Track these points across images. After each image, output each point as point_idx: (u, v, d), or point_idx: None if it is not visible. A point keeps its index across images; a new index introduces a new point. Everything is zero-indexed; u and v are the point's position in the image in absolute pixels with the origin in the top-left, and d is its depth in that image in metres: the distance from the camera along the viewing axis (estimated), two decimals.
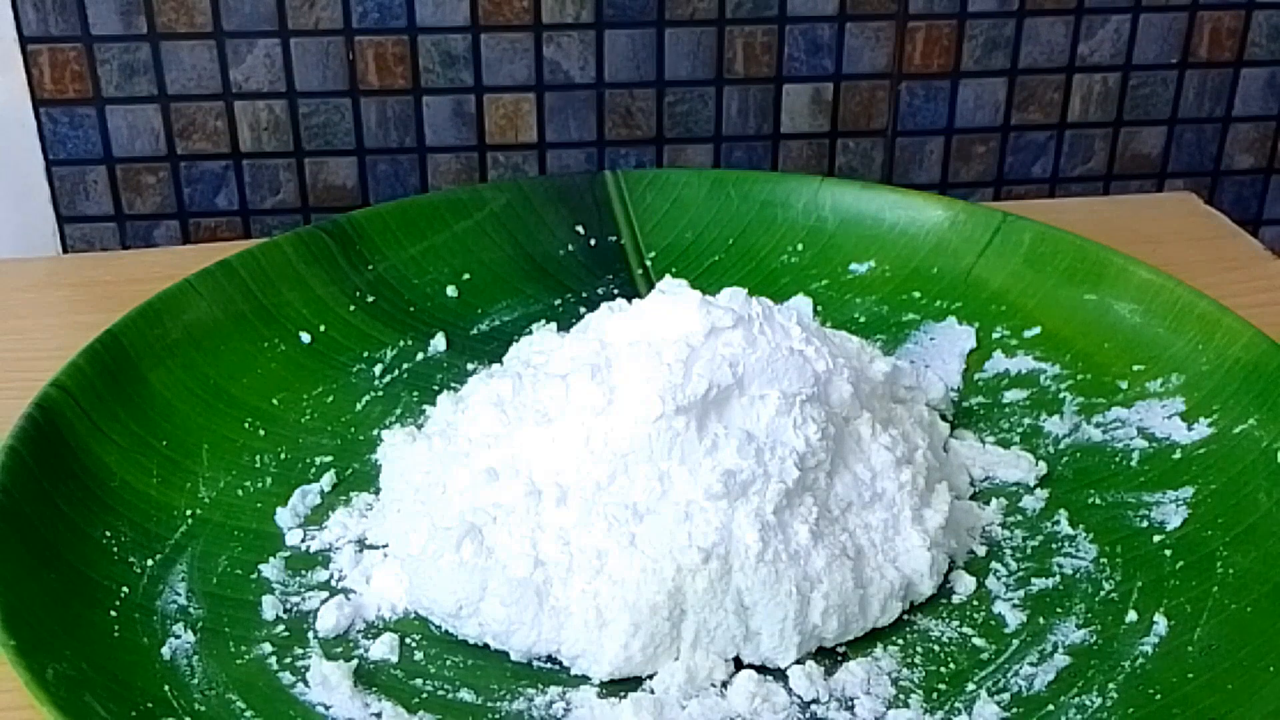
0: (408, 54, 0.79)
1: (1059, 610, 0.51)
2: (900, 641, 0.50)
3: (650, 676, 0.48)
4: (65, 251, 0.82)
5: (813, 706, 0.47)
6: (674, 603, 0.48)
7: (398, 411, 0.61)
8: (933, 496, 0.53)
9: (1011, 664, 0.49)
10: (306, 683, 0.47)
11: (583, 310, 0.64)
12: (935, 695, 0.48)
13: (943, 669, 0.49)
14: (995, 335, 0.66)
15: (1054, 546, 0.54)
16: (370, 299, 0.66)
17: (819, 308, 0.68)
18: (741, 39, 0.81)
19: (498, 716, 0.47)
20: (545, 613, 0.48)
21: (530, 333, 0.65)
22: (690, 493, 0.49)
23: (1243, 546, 0.53)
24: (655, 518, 0.49)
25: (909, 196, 0.71)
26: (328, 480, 0.57)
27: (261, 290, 0.64)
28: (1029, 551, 0.54)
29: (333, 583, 0.52)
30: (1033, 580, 0.52)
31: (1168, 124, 0.87)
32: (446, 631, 0.50)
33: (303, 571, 0.53)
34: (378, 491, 0.56)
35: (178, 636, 0.49)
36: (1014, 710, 0.47)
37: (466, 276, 0.69)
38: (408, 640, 0.50)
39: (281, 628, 0.50)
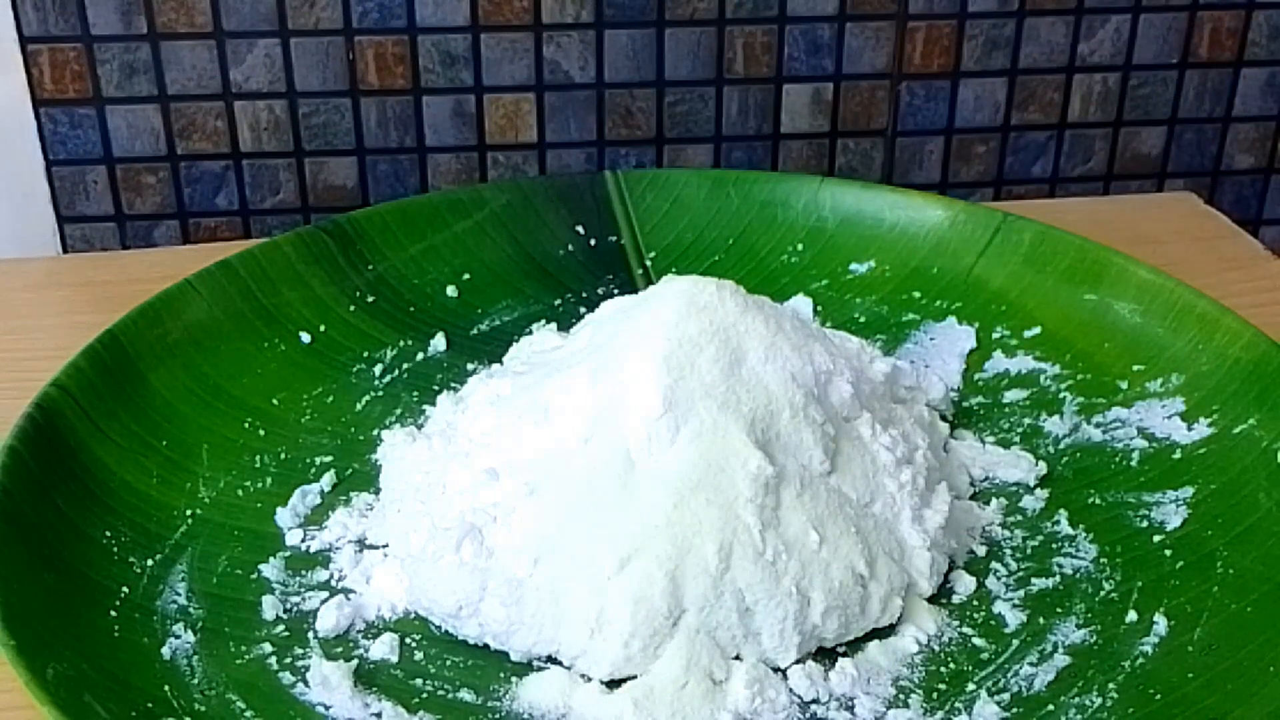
0: (408, 54, 0.79)
1: (1059, 610, 0.51)
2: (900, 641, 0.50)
3: (650, 676, 0.48)
4: (65, 251, 0.82)
5: (813, 706, 0.47)
6: (674, 603, 0.48)
7: (398, 411, 0.61)
8: (933, 496, 0.53)
9: (1011, 664, 0.49)
10: (306, 683, 0.47)
11: (583, 310, 0.64)
12: (935, 695, 0.48)
13: (943, 669, 0.49)
14: (995, 335, 0.66)
15: (1054, 546, 0.54)
16: (370, 299, 0.66)
17: (819, 308, 0.68)
18: (741, 39, 0.81)
19: (498, 716, 0.47)
20: (545, 613, 0.48)
21: (530, 333, 0.65)
22: (691, 492, 0.49)
23: (1243, 546, 0.53)
24: (657, 517, 0.49)
25: (909, 196, 0.71)
26: (328, 480, 0.57)
27: (261, 290, 0.64)
28: (1029, 551, 0.54)
29: (333, 583, 0.52)
30: (1033, 580, 0.52)
31: (1168, 124, 0.87)
32: (446, 631, 0.50)
33: (303, 571, 0.52)
34: (378, 491, 0.56)
35: (178, 636, 0.49)
36: (1014, 710, 0.47)
37: (466, 276, 0.69)
38: (408, 640, 0.50)
39: (281, 628, 0.50)
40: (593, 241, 0.72)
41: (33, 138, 0.79)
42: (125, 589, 0.50)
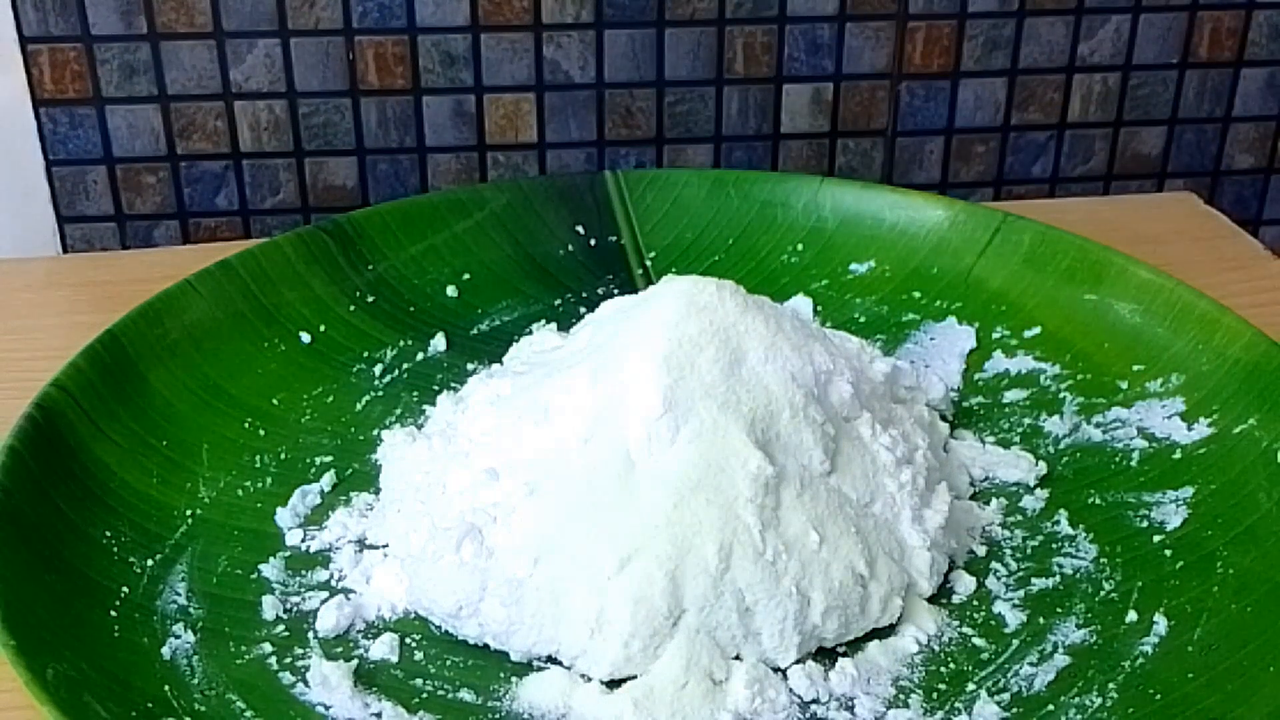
0: (408, 54, 0.79)
1: (1059, 610, 0.51)
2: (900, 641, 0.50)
3: (650, 676, 0.48)
4: (65, 251, 0.82)
5: (813, 706, 0.47)
6: (674, 603, 0.48)
7: (398, 411, 0.61)
8: (933, 496, 0.53)
9: (1011, 664, 0.49)
10: (306, 683, 0.47)
11: (583, 310, 0.64)
12: (935, 695, 0.48)
13: (943, 669, 0.49)
14: (995, 335, 0.66)
15: (1054, 546, 0.54)
16: (370, 299, 0.66)
17: (819, 308, 0.68)
18: (741, 39, 0.81)
19: (498, 716, 0.47)
20: (545, 613, 0.48)
21: (530, 333, 0.65)
22: (691, 492, 0.49)
23: (1243, 546, 0.53)
24: (657, 517, 0.49)
25: (909, 196, 0.71)
26: (328, 480, 0.57)
27: (261, 290, 0.64)
28: (1029, 551, 0.54)
29: (333, 583, 0.52)
30: (1033, 580, 0.52)
31: (1168, 124, 0.87)
32: (446, 631, 0.50)
33: (303, 571, 0.52)
34: (378, 491, 0.56)
35: (178, 636, 0.49)
36: (1014, 710, 0.47)
37: (466, 276, 0.69)
38: (408, 640, 0.50)
39: (281, 628, 0.50)
40: (593, 241, 0.72)
41: (33, 138, 0.79)
42: (125, 589, 0.50)
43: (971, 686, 0.48)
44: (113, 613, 0.49)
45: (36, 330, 0.68)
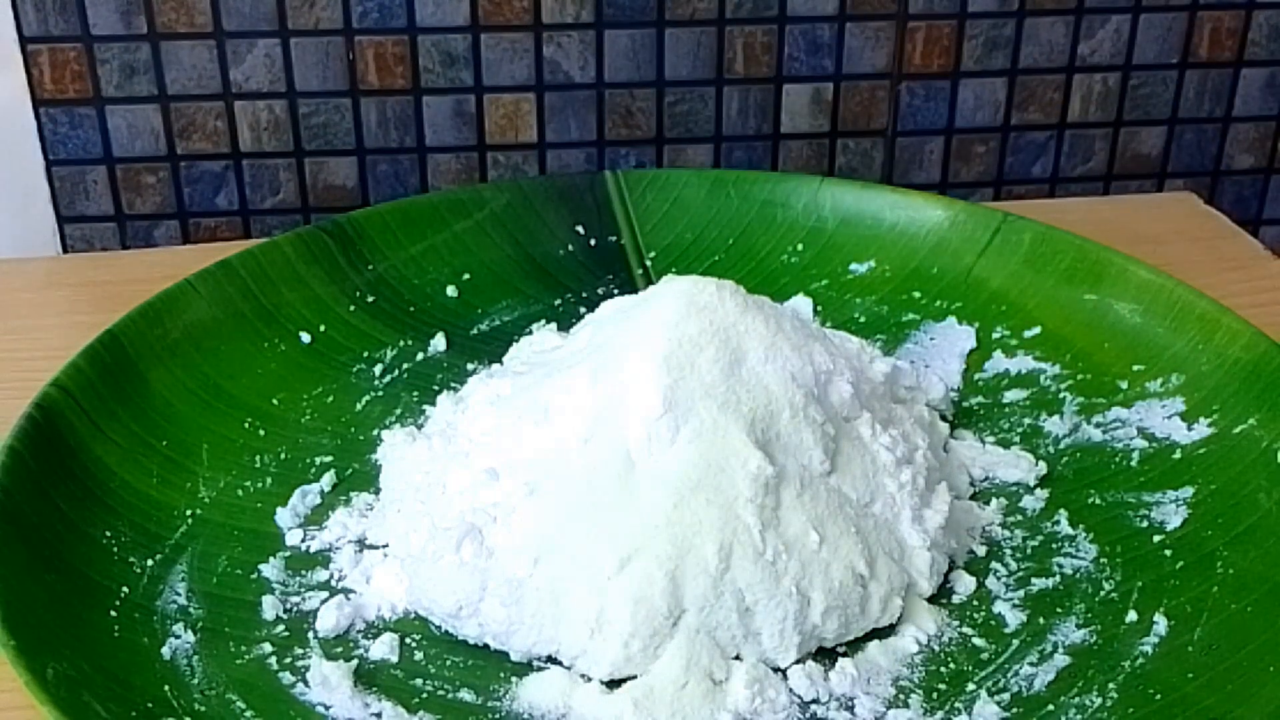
0: (408, 54, 0.79)
1: (1059, 610, 0.51)
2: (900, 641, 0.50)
3: (650, 676, 0.48)
4: (65, 251, 0.82)
5: (813, 706, 0.47)
6: (674, 603, 0.48)
7: (398, 411, 0.61)
8: (933, 496, 0.53)
9: (1011, 664, 0.49)
10: (306, 683, 0.47)
11: (583, 310, 0.64)
12: (935, 695, 0.48)
13: (943, 669, 0.49)
14: (995, 335, 0.66)
15: (1054, 546, 0.54)
16: (370, 299, 0.66)
17: (819, 308, 0.68)
18: (741, 39, 0.81)
19: (498, 716, 0.47)
20: (545, 613, 0.48)
21: (530, 333, 0.65)
22: (691, 492, 0.49)
23: (1243, 546, 0.53)
24: (657, 517, 0.49)
25: (909, 196, 0.71)
26: (328, 480, 0.57)
27: (261, 290, 0.64)
28: (1029, 551, 0.54)
29: (333, 583, 0.52)
30: (1033, 580, 0.52)
31: (1168, 124, 0.87)
32: (446, 631, 0.50)
33: (303, 571, 0.53)
34: (378, 491, 0.56)
35: (178, 636, 0.49)
36: (1014, 710, 0.47)
37: (466, 276, 0.69)
38: (408, 640, 0.50)
39: (281, 628, 0.50)
40: (593, 241, 0.72)
41: (33, 138, 0.79)
42: (125, 589, 0.50)
43: (971, 686, 0.48)
44: (113, 613, 0.49)
45: (36, 330, 0.68)
